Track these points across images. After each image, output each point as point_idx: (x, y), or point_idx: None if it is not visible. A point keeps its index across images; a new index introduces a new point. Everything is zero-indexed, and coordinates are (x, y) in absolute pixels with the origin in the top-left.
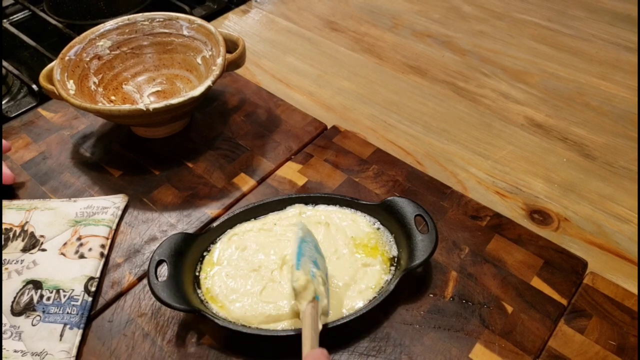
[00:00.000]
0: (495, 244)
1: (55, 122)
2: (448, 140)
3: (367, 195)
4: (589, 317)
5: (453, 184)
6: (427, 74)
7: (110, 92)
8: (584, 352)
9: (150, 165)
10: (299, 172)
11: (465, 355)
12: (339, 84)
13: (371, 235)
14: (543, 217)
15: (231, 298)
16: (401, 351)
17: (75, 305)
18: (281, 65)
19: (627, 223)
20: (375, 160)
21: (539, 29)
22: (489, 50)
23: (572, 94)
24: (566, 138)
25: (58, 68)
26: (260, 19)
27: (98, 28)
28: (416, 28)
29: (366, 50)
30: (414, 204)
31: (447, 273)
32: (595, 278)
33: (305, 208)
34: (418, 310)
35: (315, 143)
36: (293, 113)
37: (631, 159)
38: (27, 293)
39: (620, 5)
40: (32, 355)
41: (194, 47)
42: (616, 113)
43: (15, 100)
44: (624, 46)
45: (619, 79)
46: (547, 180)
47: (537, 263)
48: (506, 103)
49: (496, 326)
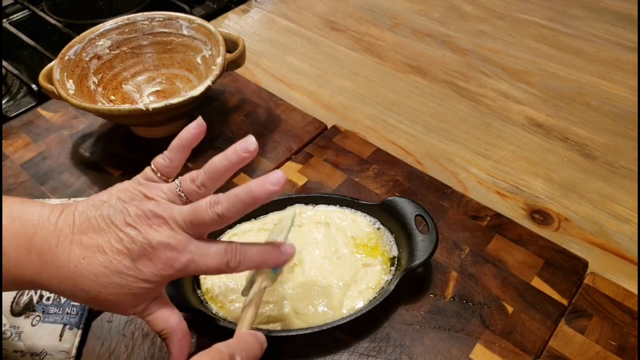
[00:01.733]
0: (495, 244)
1: (55, 122)
2: (448, 140)
3: (367, 195)
4: (589, 318)
5: (453, 184)
6: (427, 74)
7: (109, 92)
8: (585, 353)
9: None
10: (299, 172)
11: (466, 355)
12: (339, 83)
13: (371, 235)
14: (543, 217)
15: (231, 298)
16: (401, 351)
17: (75, 306)
18: (281, 64)
19: (627, 223)
20: (376, 160)
21: (540, 29)
22: (489, 50)
23: (572, 94)
24: (567, 138)
25: (58, 68)
26: (260, 18)
27: (98, 28)
28: (416, 27)
29: (366, 49)
30: (414, 204)
31: (448, 273)
32: (595, 278)
33: (305, 208)
34: (418, 310)
35: (315, 143)
36: (293, 113)
37: (632, 158)
38: (27, 293)
39: (621, 5)
40: (32, 355)
41: (193, 47)
42: (617, 113)
43: (14, 100)
44: (624, 46)
45: (620, 79)
46: (547, 180)
47: (538, 263)
48: (507, 103)
49: (497, 326)
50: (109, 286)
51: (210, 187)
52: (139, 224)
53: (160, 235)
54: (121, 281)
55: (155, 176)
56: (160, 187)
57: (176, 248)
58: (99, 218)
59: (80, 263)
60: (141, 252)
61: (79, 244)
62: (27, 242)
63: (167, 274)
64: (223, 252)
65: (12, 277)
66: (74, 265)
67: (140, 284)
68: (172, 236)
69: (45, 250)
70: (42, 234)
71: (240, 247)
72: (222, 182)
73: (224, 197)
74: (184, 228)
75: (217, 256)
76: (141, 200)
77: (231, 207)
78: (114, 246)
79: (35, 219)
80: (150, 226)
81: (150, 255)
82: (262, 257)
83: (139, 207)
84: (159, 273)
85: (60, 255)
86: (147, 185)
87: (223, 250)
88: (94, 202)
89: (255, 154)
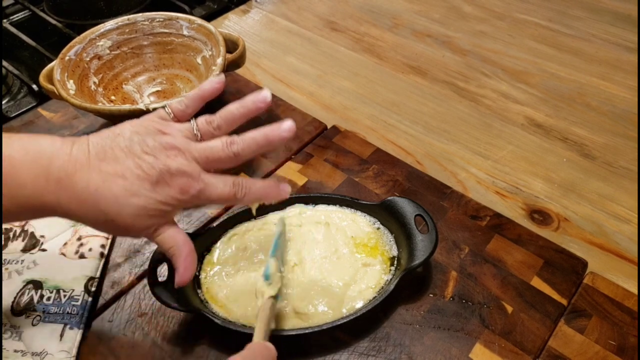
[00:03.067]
0: (495, 244)
1: (56, 122)
2: (448, 140)
3: (367, 195)
4: (589, 317)
5: (453, 184)
6: (427, 74)
7: (110, 92)
8: (584, 352)
9: None
10: (299, 172)
11: (465, 355)
12: (339, 84)
13: (371, 235)
14: (543, 217)
15: (231, 298)
16: (401, 351)
17: (75, 305)
18: (281, 65)
19: (627, 223)
20: (375, 160)
21: (540, 29)
22: (489, 51)
23: (572, 94)
24: (566, 138)
25: (58, 68)
26: (260, 18)
27: (98, 28)
28: (416, 28)
29: (366, 50)
30: (414, 203)
31: (447, 273)
32: (595, 278)
33: (305, 208)
34: (418, 310)
35: (315, 143)
36: (293, 113)
37: (631, 159)
38: (28, 293)
39: (621, 6)
40: (32, 355)
41: (194, 47)
42: (616, 113)
43: (15, 100)
44: (624, 46)
45: (619, 79)
46: (547, 180)
47: (537, 263)
48: (506, 103)
49: (496, 326)
50: (129, 207)
51: (225, 130)
52: (157, 153)
53: (177, 163)
54: (140, 202)
55: (169, 117)
56: (175, 125)
57: (191, 175)
58: (116, 148)
59: (100, 186)
60: (160, 177)
61: (97, 171)
62: (44, 171)
63: (182, 199)
64: (231, 185)
65: (32, 205)
66: (94, 189)
67: (158, 206)
68: (187, 164)
69: (64, 177)
70: (58, 163)
71: (246, 181)
72: (235, 127)
73: (239, 139)
74: (199, 161)
75: (226, 187)
76: (157, 134)
77: (246, 148)
78: (134, 171)
79: (49, 150)
80: (168, 156)
81: (168, 180)
82: (265, 191)
83: (155, 139)
84: (175, 197)
85: (80, 181)
86: (162, 123)
87: (231, 183)
88: (107, 134)
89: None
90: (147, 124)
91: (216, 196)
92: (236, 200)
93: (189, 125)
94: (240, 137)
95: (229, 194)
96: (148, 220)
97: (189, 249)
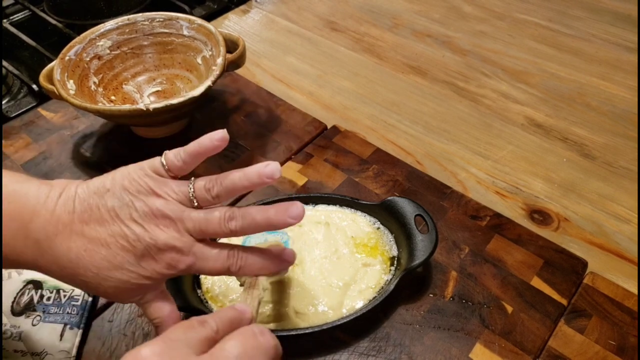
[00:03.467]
0: (495, 244)
1: (56, 122)
2: (448, 140)
3: (367, 195)
4: (589, 317)
5: (453, 184)
6: (427, 74)
7: (110, 92)
8: (584, 352)
9: None
10: (299, 172)
11: (465, 355)
12: (339, 84)
13: (371, 235)
14: (543, 217)
15: (231, 298)
16: (401, 351)
17: (75, 305)
18: (281, 65)
19: (627, 223)
20: (375, 160)
21: (540, 29)
22: (489, 51)
23: (572, 94)
24: (566, 138)
25: (58, 68)
26: (260, 19)
27: (98, 28)
28: (416, 28)
29: (366, 50)
30: (414, 203)
31: (447, 273)
32: (595, 278)
33: (305, 208)
34: (418, 310)
35: (315, 143)
36: (293, 113)
37: (631, 159)
38: (27, 293)
39: (621, 6)
40: (32, 355)
41: (194, 47)
42: (616, 113)
43: (15, 100)
44: (624, 46)
45: (619, 79)
46: (547, 180)
47: (537, 263)
48: (506, 103)
49: (496, 326)
50: (110, 280)
51: (224, 200)
52: (145, 222)
53: (167, 237)
54: (122, 276)
55: (164, 171)
56: (170, 185)
57: (181, 250)
58: (102, 208)
59: (82, 255)
60: (146, 251)
61: (80, 235)
62: (24, 228)
63: (169, 273)
64: (225, 257)
65: (11, 261)
66: (74, 256)
67: (142, 281)
68: (178, 238)
69: (43, 239)
70: (39, 221)
71: (242, 253)
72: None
73: (240, 215)
74: (192, 233)
75: (219, 261)
76: (148, 196)
77: (245, 227)
78: (118, 241)
79: (32, 203)
80: (157, 225)
81: (155, 255)
82: (262, 265)
83: (146, 204)
84: (161, 272)
85: (60, 245)
86: (155, 180)
87: (225, 255)
88: (96, 188)
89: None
90: (139, 179)
91: (207, 270)
92: (230, 273)
93: (185, 188)
94: (240, 212)
95: (221, 268)
96: (131, 292)
97: (174, 321)
